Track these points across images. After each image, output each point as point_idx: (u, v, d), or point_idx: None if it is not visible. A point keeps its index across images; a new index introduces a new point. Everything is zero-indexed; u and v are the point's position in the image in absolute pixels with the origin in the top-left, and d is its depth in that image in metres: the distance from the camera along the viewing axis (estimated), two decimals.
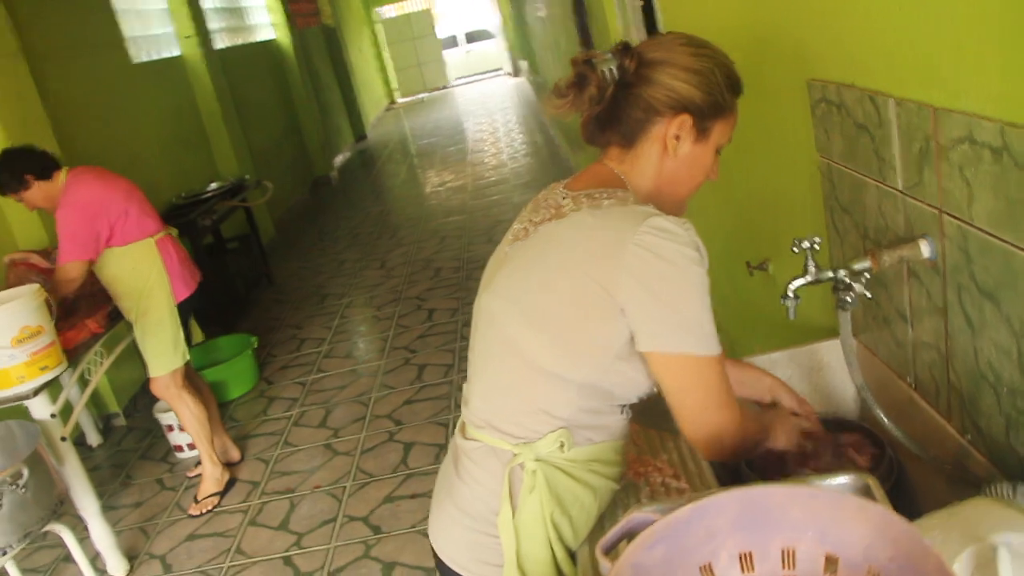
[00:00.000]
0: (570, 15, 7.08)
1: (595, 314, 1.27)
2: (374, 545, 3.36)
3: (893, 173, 1.40)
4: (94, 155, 5.45)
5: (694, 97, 1.34)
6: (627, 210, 1.30)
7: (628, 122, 1.38)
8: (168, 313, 3.74)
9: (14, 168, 3.54)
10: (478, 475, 1.41)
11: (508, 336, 1.37)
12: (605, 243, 1.27)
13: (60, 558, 3.75)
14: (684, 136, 1.36)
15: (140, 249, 3.66)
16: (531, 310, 1.35)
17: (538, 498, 1.34)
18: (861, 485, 1.04)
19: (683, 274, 1.24)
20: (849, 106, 1.53)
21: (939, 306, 1.35)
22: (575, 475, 1.36)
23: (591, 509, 1.40)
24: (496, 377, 1.41)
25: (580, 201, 1.35)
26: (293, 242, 8.62)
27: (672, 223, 1.26)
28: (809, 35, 1.73)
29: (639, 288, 1.24)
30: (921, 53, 1.26)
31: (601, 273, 1.26)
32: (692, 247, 1.25)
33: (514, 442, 1.36)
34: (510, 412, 1.37)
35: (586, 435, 1.37)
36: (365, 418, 4.44)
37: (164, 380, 3.81)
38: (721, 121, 1.38)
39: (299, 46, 11.54)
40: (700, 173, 1.42)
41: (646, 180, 1.40)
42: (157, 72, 7.24)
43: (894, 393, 1.58)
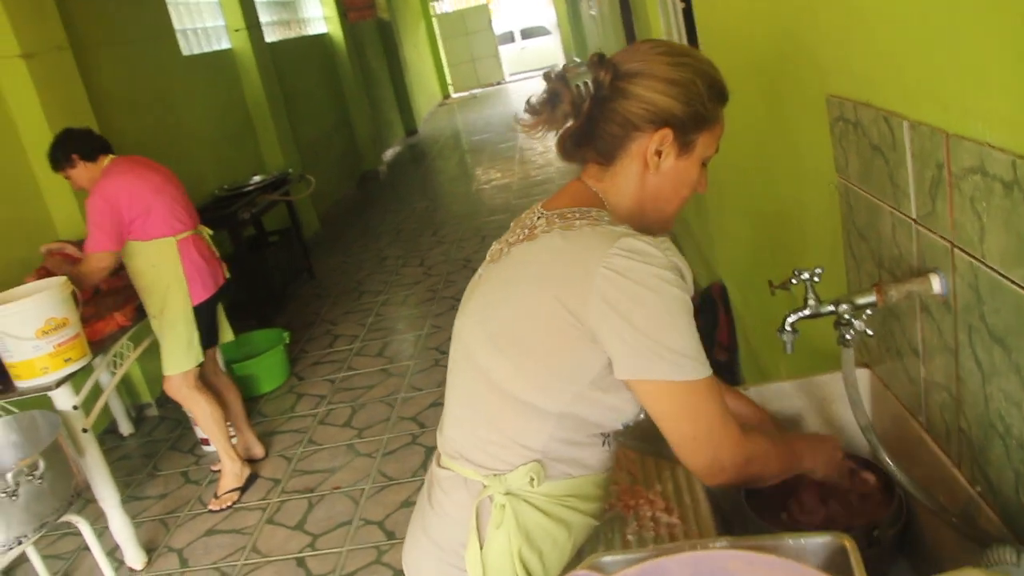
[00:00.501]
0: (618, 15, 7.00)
1: (566, 341, 1.21)
2: (387, 551, 3.32)
3: (907, 200, 1.31)
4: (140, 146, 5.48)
5: (674, 110, 1.27)
6: (598, 231, 1.22)
7: (605, 138, 1.31)
8: (182, 314, 3.73)
9: (65, 146, 3.67)
10: (447, 506, 1.35)
11: (478, 362, 1.31)
12: (574, 266, 1.20)
13: (82, 547, 3.77)
14: (666, 151, 1.29)
15: (160, 247, 3.66)
16: (500, 336, 1.28)
17: (506, 533, 1.28)
18: (838, 547, 0.96)
19: (657, 297, 1.17)
20: (865, 126, 1.44)
21: (950, 345, 1.26)
22: (547, 511, 1.30)
23: (564, 546, 1.33)
24: (467, 405, 1.35)
25: (552, 222, 1.28)
26: (337, 236, 8.64)
27: (647, 243, 1.19)
28: (827, 50, 1.65)
29: (611, 313, 1.17)
30: (934, 74, 1.18)
31: (571, 298, 1.19)
32: (668, 268, 1.18)
33: (485, 473, 1.30)
34: (481, 442, 1.32)
35: (562, 468, 1.30)
36: (390, 419, 4.41)
37: (176, 380, 3.82)
38: (706, 133, 1.31)
39: (351, 40, 11.57)
40: (686, 187, 1.34)
41: (627, 198, 1.33)
42: (206, 65, 7.30)
43: (905, 431, 1.49)
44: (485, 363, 1.30)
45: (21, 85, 4.53)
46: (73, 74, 4.89)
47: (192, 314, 3.74)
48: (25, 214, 4.57)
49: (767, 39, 2.17)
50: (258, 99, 8.00)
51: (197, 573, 3.46)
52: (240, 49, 7.90)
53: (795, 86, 1.96)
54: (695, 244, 4.99)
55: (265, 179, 6.76)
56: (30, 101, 4.56)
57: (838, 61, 1.59)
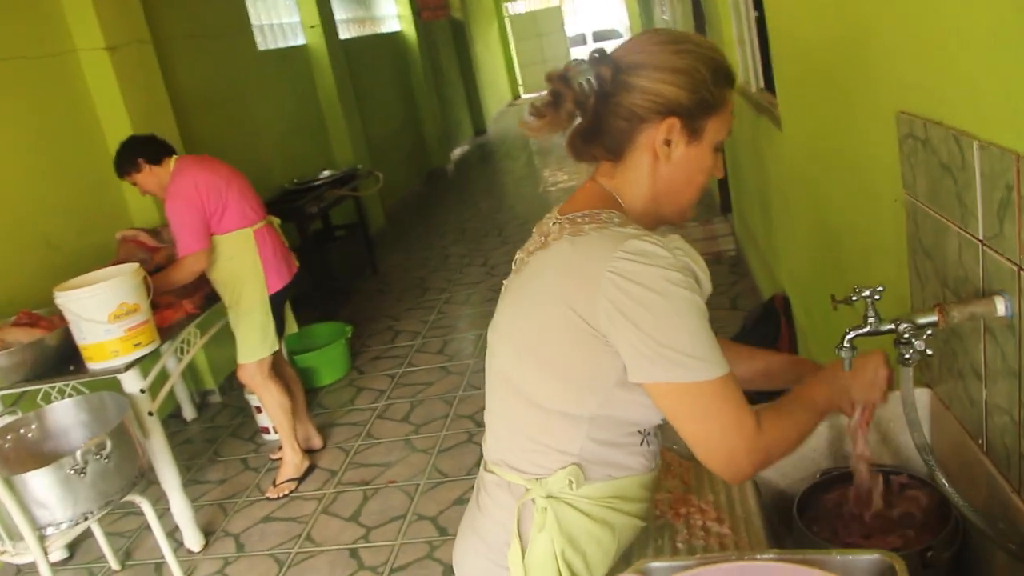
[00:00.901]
0: (691, 20, 6.97)
1: (583, 347, 1.22)
2: (439, 547, 3.36)
3: (975, 221, 1.29)
4: (213, 139, 5.64)
5: (679, 98, 1.26)
6: (605, 234, 1.22)
7: (613, 133, 1.30)
8: (259, 303, 3.82)
9: (130, 152, 3.73)
10: (492, 509, 1.38)
11: (507, 375, 1.34)
12: (582, 272, 1.21)
13: (143, 526, 3.88)
14: (675, 140, 1.28)
15: (238, 239, 3.75)
16: (523, 348, 1.30)
17: (548, 536, 1.29)
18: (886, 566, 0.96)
19: (664, 300, 1.16)
20: (935, 144, 1.42)
21: (1013, 369, 1.24)
22: (589, 513, 1.31)
23: (608, 547, 1.34)
24: (502, 417, 1.38)
25: (564, 228, 1.29)
26: (402, 233, 8.73)
27: (654, 244, 1.19)
28: (901, 65, 1.63)
29: (619, 318, 1.17)
30: (1007, 95, 1.16)
31: (581, 305, 1.20)
32: (675, 269, 1.17)
33: (527, 478, 1.32)
34: (519, 450, 1.34)
35: (602, 471, 1.31)
36: (448, 417, 4.45)
37: (250, 368, 3.90)
38: (714, 118, 1.30)
39: (424, 38, 11.68)
40: (700, 174, 1.33)
41: (641, 191, 1.33)
42: (281, 60, 7.44)
43: (964, 454, 1.47)
44: (513, 375, 1.32)
45: (104, 77, 4.67)
46: (153, 67, 5.02)
47: (268, 303, 3.84)
48: (103, 202, 4.71)
49: (841, 51, 2.15)
50: (330, 95, 8.12)
51: (252, 558, 3.54)
52: (314, 45, 8.03)
53: (866, 100, 1.94)
54: (760, 255, 4.95)
55: (334, 174, 6.86)
56: (112, 92, 4.70)
57: (911, 77, 1.57)
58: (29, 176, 4.23)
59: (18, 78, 4.23)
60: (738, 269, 5.73)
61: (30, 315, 3.55)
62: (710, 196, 7.67)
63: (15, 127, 4.18)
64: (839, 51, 2.17)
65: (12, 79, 4.19)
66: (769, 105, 3.77)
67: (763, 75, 4.28)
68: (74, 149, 4.56)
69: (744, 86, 4.69)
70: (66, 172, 4.48)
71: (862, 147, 2.06)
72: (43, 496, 2.89)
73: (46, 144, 4.37)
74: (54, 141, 4.43)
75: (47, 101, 4.42)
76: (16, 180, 4.14)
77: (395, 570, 3.27)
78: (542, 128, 1.30)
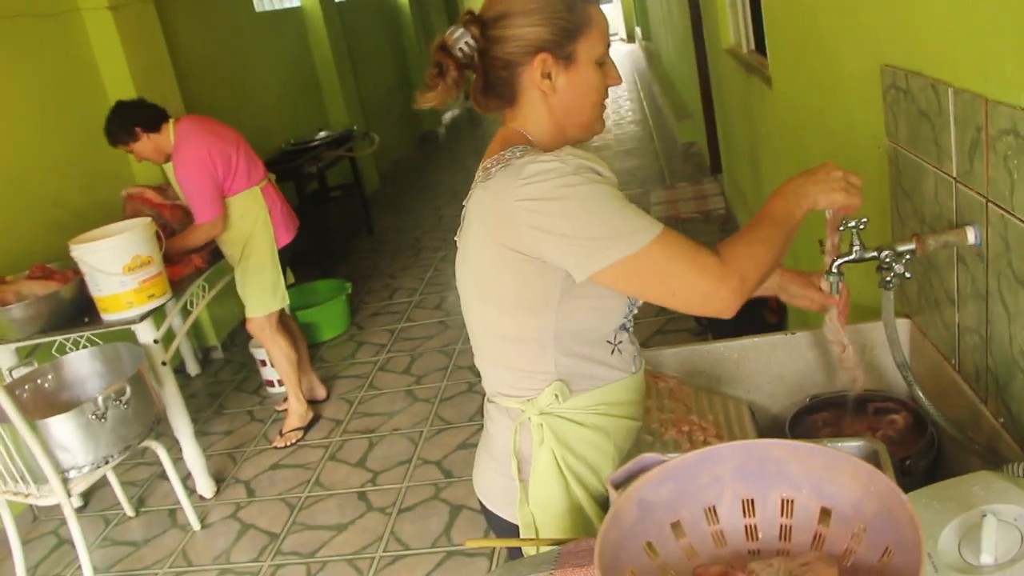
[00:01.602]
0: None
1: (521, 274, 1.33)
2: (444, 488, 3.51)
3: (949, 161, 1.43)
4: (211, 99, 5.71)
5: (541, 35, 1.35)
6: (508, 170, 1.32)
7: (499, 83, 1.41)
8: (269, 258, 3.94)
9: (124, 120, 3.70)
10: (497, 432, 1.52)
11: (473, 314, 1.48)
12: (498, 210, 1.32)
13: (155, 475, 4.02)
14: (553, 72, 1.38)
15: (247, 198, 3.85)
16: (475, 288, 1.44)
17: (548, 448, 1.43)
18: (871, 451, 1.10)
19: (570, 202, 1.26)
20: (915, 93, 1.56)
21: (981, 292, 1.38)
22: (581, 421, 1.44)
23: (607, 449, 1.47)
24: (482, 352, 1.51)
25: (478, 176, 1.40)
26: (396, 194, 8.83)
27: (547, 161, 1.29)
28: (885, 22, 1.76)
29: (543, 236, 1.28)
30: (979, 46, 1.29)
31: (507, 237, 1.31)
32: (569, 173, 1.27)
33: (519, 401, 1.45)
34: (505, 379, 1.47)
35: (585, 382, 1.43)
36: (448, 368, 4.59)
37: (260, 321, 4.03)
38: (582, 39, 1.38)
39: (415, 1, 11.69)
40: (592, 92, 1.42)
41: (542, 124, 1.43)
42: (277, 21, 7.49)
43: (939, 375, 1.62)
44: (477, 315, 1.46)
45: (107, 36, 4.73)
46: (155, 26, 5.09)
47: (278, 258, 3.95)
48: (106, 161, 4.78)
49: (829, 11, 2.28)
50: (325, 56, 8.18)
51: (263, 503, 3.68)
52: (309, 7, 8.07)
53: (853, 56, 2.07)
54: (749, 212, 5.08)
55: (330, 135, 6.95)
56: (115, 51, 4.76)
57: (894, 33, 1.70)
58: (33, 134, 4.30)
59: (22, 36, 4.29)
60: (727, 227, 5.87)
61: (44, 268, 3.65)
62: (700, 157, 7.79)
63: (19, 85, 4.25)
64: (828, 11, 2.29)
65: (16, 37, 4.25)
66: (760, 66, 3.88)
67: (754, 37, 4.39)
68: (77, 107, 4.63)
69: (735, 48, 4.80)
70: (69, 130, 4.55)
71: (848, 100, 2.19)
72: (66, 440, 3.02)
73: (50, 102, 4.44)
74: (57, 99, 4.50)
75: (51, 59, 4.48)
76: (20, 138, 4.21)
77: (403, 510, 3.42)
78: (435, 99, 1.41)
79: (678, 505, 1.02)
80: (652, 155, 8.68)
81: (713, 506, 1.03)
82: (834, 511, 0.97)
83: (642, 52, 16.62)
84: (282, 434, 4.17)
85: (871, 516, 0.93)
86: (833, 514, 0.98)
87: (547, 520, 1.46)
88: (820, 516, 0.99)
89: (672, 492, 1.01)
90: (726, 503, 1.03)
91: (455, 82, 1.39)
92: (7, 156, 4.09)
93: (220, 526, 3.57)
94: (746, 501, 1.03)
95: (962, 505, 1.04)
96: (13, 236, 4.02)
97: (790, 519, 1.01)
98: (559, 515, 1.45)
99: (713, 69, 6.14)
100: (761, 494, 1.02)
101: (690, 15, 6.84)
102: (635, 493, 0.99)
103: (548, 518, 1.46)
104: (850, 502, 0.95)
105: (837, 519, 0.97)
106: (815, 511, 0.99)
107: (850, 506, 0.95)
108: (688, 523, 1.03)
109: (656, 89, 11.52)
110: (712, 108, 6.55)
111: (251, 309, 4.02)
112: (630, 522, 0.98)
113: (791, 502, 1.01)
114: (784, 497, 1.01)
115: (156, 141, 3.73)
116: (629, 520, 0.98)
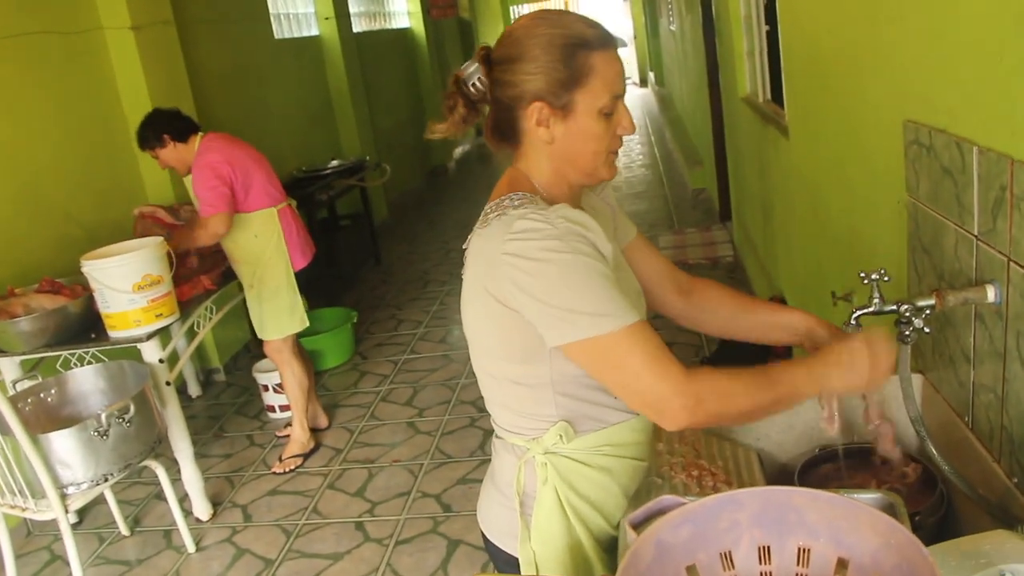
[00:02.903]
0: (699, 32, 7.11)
1: (508, 325, 1.33)
2: (443, 522, 3.49)
3: (971, 218, 1.43)
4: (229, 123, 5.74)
5: (537, 84, 1.35)
6: (502, 220, 1.32)
7: (503, 124, 1.42)
8: (285, 281, 3.94)
9: (156, 127, 3.81)
10: (502, 468, 1.52)
11: (474, 357, 1.48)
12: (488, 259, 1.32)
13: (152, 495, 4.00)
14: (550, 121, 1.37)
15: (263, 217, 3.87)
16: (472, 333, 1.44)
17: (552, 487, 1.43)
18: (887, 503, 1.09)
19: (548, 267, 1.25)
20: (938, 150, 1.57)
21: (999, 351, 1.38)
22: (586, 461, 1.43)
23: (612, 489, 1.46)
24: (486, 392, 1.51)
25: (479, 221, 1.40)
26: (405, 226, 8.86)
27: (536, 220, 1.28)
28: (908, 77, 1.77)
29: (519, 294, 1.28)
30: (1006, 103, 1.30)
31: (494, 288, 1.32)
32: (555, 237, 1.26)
33: (525, 439, 1.45)
34: (509, 419, 1.47)
35: (589, 423, 1.43)
36: (450, 402, 4.58)
37: (277, 344, 4.03)
38: (580, 91, 1.35)
39: (432, 36, 11.82)
40: (592, 140, 1.39)
41: (543, 167, 1.42)
42: (295, 49, 7.57)
43: (952, 431, 1.61)
44: (478, 359, 1.47)
45: (128, 55, 4.79)
46: (175, 48, 5.15)
47: (295, 281, 3.95)
48: (120, 178, 4.82)
49: (851, 64, 2.30)
50: (341, 86, 8.26)
51: (260, 528, 3.66)
52: (328, 36, 8.16)
53: (874, 110, 2.08)
54: (758, 260, 5.09)
55: (343, 164, 6.99)
56: (134, 71, 4.82)
57: (918, 89, 1.72)
58: (50, 147, 4.33)
59: (45, 53, 4.34)
60: (735, 274, 5.88)
61: (52, 283, 3.67)
62: (709, 203, 7.82)
63: (40, 99, 4.29)
64: (849, 64, 2.31)
65: (39, 53, 4.30)
66: (776, 115, 3.91)
67: (771, 87, 4.42)
68: (94, 124, 4.67)
69: (751, 96, 4.84)
70: (86, 147, 4.59)
71: (868, 154, 2.20)
72: (66, 456, 3.01)
73: (68, 117, 4.48)
74: (76, 115, 4.54)
75: (71, 76, 4.53)
76: (37, 151, 4.24)
77: (400, 542, 3.40)
78: (444, 131, 1.42)
79: (695, 548, 1.02)
80: (661, 199, 8.71)
81: (729, 551, 1.03)
82: (851, 561, 0.97)
83: (654, 97, 16.75)
84: (281, 460, 4.16)
85: (889, 568, 0.92)
86: (851, 565, 0.97)
87: (547, 556, 1.46)
88: (837, 567, 0.99)
89: (690, 535, 1.01)
90: (743, 549, 1.02)
91: (463, 118, 1.41)
92: (23, 168, 4.12)
93: (215, 549, 3.54)
94: (763, 548, 1.02)
95: (978, 564, 1.04)
96: (25, 248, 4.04)
97: (806, 568, 1.01)
98: (559, 552, 1.45)
99: (728, 117, 6.18)
100: (778, 541, 1.01)
101: (706, 62, 6.91)
102: (654, 534, 0.99)
103: (548, 553, 1.46)
104: (868, 553, 0.95)
105: (854, 569, 0.97)
106: (832, 561, 0.99)
107: (868, 557, 0.95)
108: (704, 567, 1.02)
109: (668, 134, 11.60)
110: (724, 155, 6.59)
111: (268, 331, 4.02)
112: (647, 563, 0.98)
113: (808, 551, 1.00)
114: (801, 545, 1.01)
115: (182, 152, 3.81)
116: (646, 561, 0.98)
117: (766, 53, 4.43)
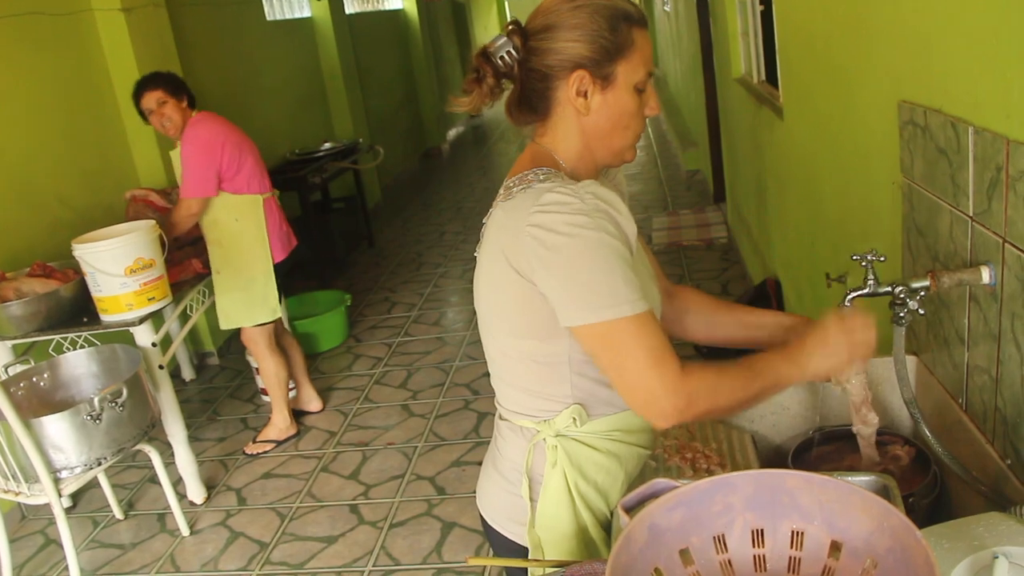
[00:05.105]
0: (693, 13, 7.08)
1: (530, 301, 1.32)
2: (437, 504, 3.49)
3: (966, 199, 1.43)
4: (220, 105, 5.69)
5: (580, 51, 1.34)
6: (528, 193, 1.31)
7: (535, 95, 1.40)
8: (262, 271, 3.91)
9: (180, 83, 3.85)
10: (508, 450, 1.51)
11: (489, 335, 1.46)
12: (511, 232, 1.31)
13: (146, 479, 4.00)
14: (589, 90, 1.37)
15: (248, 203, 3.84)
16: (490, 309, 1.42)
17: (560, 470, 1.42)
18: (881, 485, 1.09)
19: (571, 242, 1.24)
20: (933, 130, 1.56)
21: (994, 332, 1.38)
22: (595, 446, 1.43)
23: (617, 475, 1.46)
24: (499, 371, 1.49)
25: (500, 195, 1.40)
26: (398, 208, 8.84)
27: (566, 194, 1.27)
28: (904, 58, 1.76)
29: (539, 267, 1.27)
30: (1002, 85, 1.29)
31: (516, 262, 1.30)
32: (582, 213, 1.25)
33: (535, 421, 1.44)
34: (522, 400, 1.46)
35: (602, 407, 1.42)
36: (444, 384, 4.58)
37: (252, 333, 4.01)
38: (622, 62, 1.36)
39: (425, 18, 11.75)
40: (627, 117, 1.40)
41: (571, 143, 1.42)
42: (288, 31, 7.52)
43: (946, 413, 1.61)
44: (494, 336, 1.45)
45: (118, 37, 4.74)
46: (166, 30, 5.10)
47: (272, 271, 3.92)
48: (112, 162, 4.79)
49: (846, 45, 2.29)
50: (333, 68, 8.22)
51: (254, 511, 3.66)
52: (320, 18, 8.11)
53: (869, 91, 2.07)
54: (752, 242, 5.09)
55: (336, 146, 6.95)
56: (125, 53, 4.77)
57: (912, 69, 1.71)
58: (41, 130, 4.29)
59: (35, 34, 4.29)
60: (729, 256, 5.87)
61: (44, 266, 3.65)
62: (703, 185, 7.81)
63: (30, 81, 4.25)
64: (844, 45, 2.30)
65: (29, 34, 4.25)
66: (770, 96, 3.90)
67: (766, 68, 4.41)
68: (85, 107, 4.63)
69: (746, 77, 4.82)
70: (77, 130, 4.55)
71: (862, 134, 2.19)
72: (59, 440, 3.00)
73: (59, 100, 4.44)
74: (66, 97, 4.50)
75: (61, 58, 4.48)
76: (29, 135, 4.20)
77: (395, 525, 3.40)
78: (469, 104, 1.40)
79: (688, 532, 1.01)
80: (655, 181, 8.70)
81: (723, 534, 1.02)
82: (845, 544, 0.97)
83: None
84: (255, 441, 4.16)
85: (883, 551, 0.92)
86: (844, 547, 0.97)
87: (551, 540, 1.46)
88: (830, 549, 0.98)
89: (683, 518, 1.01)
90: (736, 532, 1.02)
91: (491, 90, 1.39)
92: (13, 151, 4.09)
93: (209, 533, 3.55)
94: (756, 531, 1.02)
95: (972, 546, 1.04)
96: (16, 232, 4.01)
97: (800, 551, 1.00)
98: (563, 536, 1.45)
99: (722, 98, 6.17)
100: (772, 524, 1.01)
101: (700, 43, 6.88)
102: (647, 517, 0.99)
103: (552, 538, 1.45)
104: (862, 536, 0.94)
105: (848, 553, 0.96)
106: (825, 544, 0.98)
107: (861, 540, 0.95)
108: (697, 550, 1.02)
109: (662, 115, 11.56)
110: (719, 136, 6.58)
111: (232, 320, 3.97)
112: (640, 546, 0.97)
113: (801, 534, 1.00)
114: (795, 528, 1.00)
115: (185, 116, 3.77)
116: (639, 544, 0.97)
117: (760, 33, 4.41)
